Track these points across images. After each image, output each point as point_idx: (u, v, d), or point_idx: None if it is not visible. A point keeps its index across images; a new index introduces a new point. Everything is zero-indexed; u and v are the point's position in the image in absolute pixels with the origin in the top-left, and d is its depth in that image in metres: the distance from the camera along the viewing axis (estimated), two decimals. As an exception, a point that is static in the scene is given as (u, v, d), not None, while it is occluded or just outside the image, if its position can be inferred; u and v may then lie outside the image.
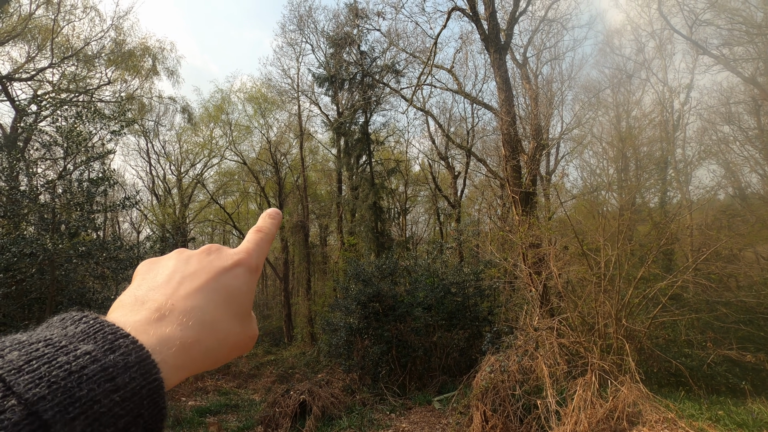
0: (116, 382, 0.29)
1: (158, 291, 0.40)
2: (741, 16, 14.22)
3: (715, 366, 7.51)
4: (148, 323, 0.36)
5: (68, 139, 8.21)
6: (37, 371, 0.27)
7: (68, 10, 14.50)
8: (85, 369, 0.28)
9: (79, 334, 0.32)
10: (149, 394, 0.31)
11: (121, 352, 0.31)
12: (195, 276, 0.42)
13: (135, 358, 0.31)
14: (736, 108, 16.24)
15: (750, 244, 9.51)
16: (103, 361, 0.30)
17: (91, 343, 0.31)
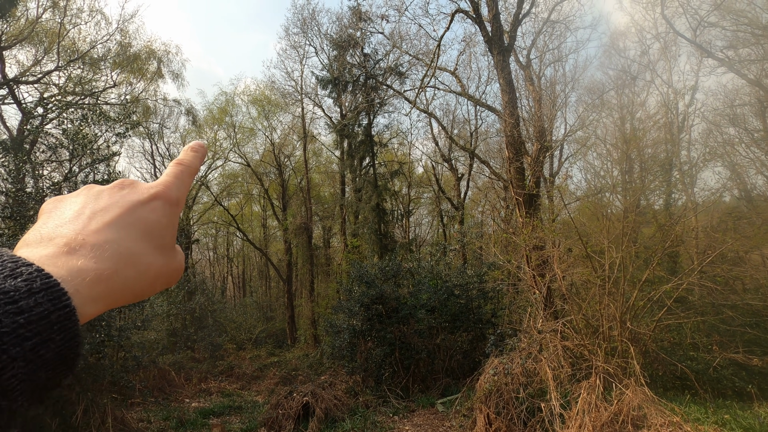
0: (20, 305, 0.28)
1: (66, 227, 0.38)
2: (746, 18, 14.15)
3: (721, 369, 7.45)
4: (56, 257, 0.34)
5: (74, 142, 8.27)
6: None
7: (74, 14, 14.64)
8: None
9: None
10: (59, 320, 0.30)
11: (24, 279, 0.30)
12: (106, 210, 0.40)
13: (41, 284, 0.30)
14: (741, 110, 16.14)
15: (756, 247, 9.44)
16: (3, 286, 0.29)
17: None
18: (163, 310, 15.62)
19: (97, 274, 0.35)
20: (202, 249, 31.77)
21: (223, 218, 25.48)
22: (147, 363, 11.04)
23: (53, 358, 0.30)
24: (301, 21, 20.52)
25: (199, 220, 24.71)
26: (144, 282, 0.39)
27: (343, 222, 20.68)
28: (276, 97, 22.45)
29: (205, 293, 17.42)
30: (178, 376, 12.13)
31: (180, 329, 16.02)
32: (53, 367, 0.30)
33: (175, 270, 0.43)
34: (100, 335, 7.65)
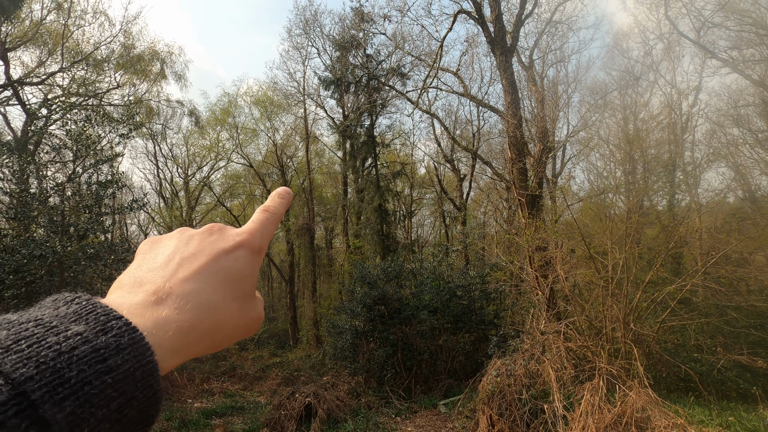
0: (108, 364, 0.28)
1: (157, 273, 0.39)
2: (750, 18, 14.10)
3: (725, 371, 7.41)
4: (145, 306, 0.35)
5: (78, 143, 8.31)
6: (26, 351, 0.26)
7: (78, 15, 14.72)
8: (76, 350, 0.28)
9: (71, 315, 0.31)
10: (143, 377, 0.30)
11: (114, 334, 0.30)
12: (194, 258, 0.41)
13: (128, 339, 0.30)
14: (745, 110, 16.07)
15: (760, 248, 9.39)
16: (94, 342, 0.29)
17: (82, 324, 0.30)
18: (166, 310, 15.65)
19: (179, 326, 0.35)
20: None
21: (226, 219, 25.54)
22: (150, 363, 11.05)
23: (135, 416, 0.30)
24: (303, 22, 20.57)
25: (201, 221, 24.76)
26: (221, 333, 0.39)
27: (346, 223, 20.69)
28: (278, 98, 22.51)
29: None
30: (180, 377, 12.16)
31: (183, 329, 16.02)
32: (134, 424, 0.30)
33: (253, 320, 0.43)
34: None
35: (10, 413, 0.24)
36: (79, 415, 0.26)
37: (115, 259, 8.26)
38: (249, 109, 23.27)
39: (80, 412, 0.26)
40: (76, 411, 0.26)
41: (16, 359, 0.26)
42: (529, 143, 11.79)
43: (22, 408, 0.24)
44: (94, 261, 7.69)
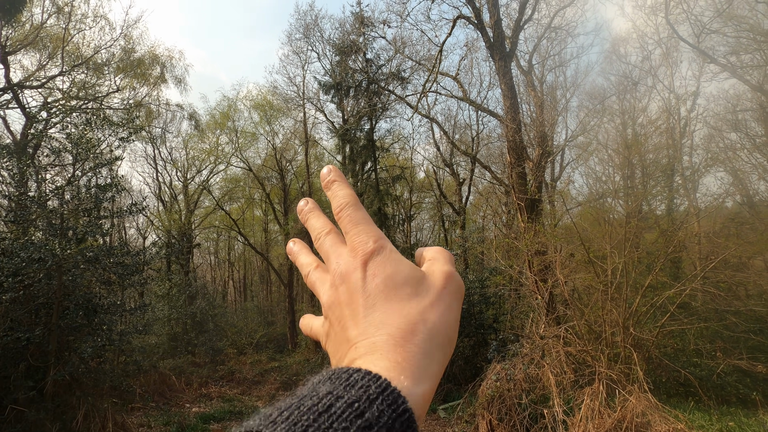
0: (366, 418, 0.28)
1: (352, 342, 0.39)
2: (748, 24, 14.20)
3: (725, 376, 7.40)
4: (371, 360, 0.35)
5: (77, 146, 8.32)
6: (289, 418, 0.27)
7: (79, 19, 14.75)
8: (332, 408, 0.28)
9: (317, 382, 0.31)
10: (402, 427, 0.29)
11: (360, 386, 0.30)
12: (353, 303, 0.40)
13: (375, 388, 0.29)
14: (743, 115, 16.15)
15: (759, 253, 9.40)
16: (345, 397, 0.29)
17: (328, 384, 0.30)
18: (164, 314, 15.61)
19: (403, 357, 0.34)
20: (203, 253, 31.80)
21: (225, 223, 25.52)
22: (148, 367, 11.03)
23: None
24: (304, 27, 20.66)
25: (200, 225, 24.73)
26: (437, 332, 0.37)
27: (345, 226, 20.64)
28: (278, 102, 22.56)
29: (206, 297, 17.42)
30: (178, 381, 12.10)
31: (181, 333, 15.99)
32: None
33: (441, 288, 0.41)
34: (102, 339, 7.65)
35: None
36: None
37: (114, 262, 8.24)
38: (248, 113, 23.32)
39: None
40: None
41: (284, 428, 0.27)
42: (528, 148, 11.83)
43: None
44: (92, 264, 7.67)
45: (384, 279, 0.40)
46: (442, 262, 0.44)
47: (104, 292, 9.43)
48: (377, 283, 0.40)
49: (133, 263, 8.80)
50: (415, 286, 0.40)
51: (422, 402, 0.33)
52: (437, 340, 0.37)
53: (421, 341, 0.36)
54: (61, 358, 7.29)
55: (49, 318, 7.39)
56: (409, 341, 0.35)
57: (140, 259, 9.21)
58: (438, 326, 0.38)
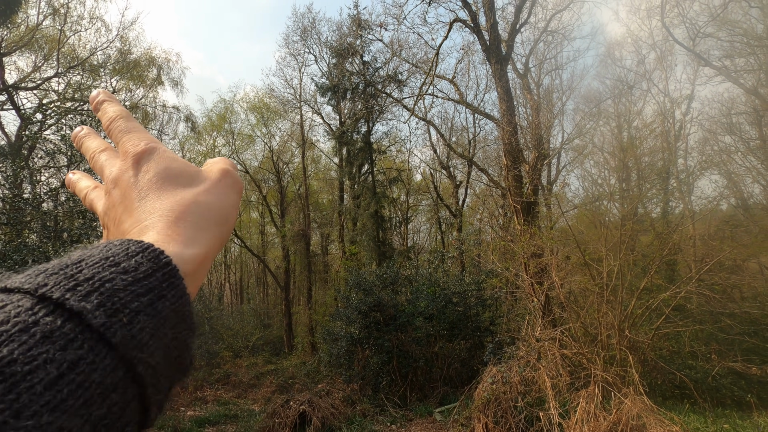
0: (122, 266, 0.29)
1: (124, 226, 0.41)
2: (741, 28, 14.32)
3: (719, 378, 7.42)
4: (134, 234, 0.37)
5: (72, 148, 8.27)
6: (35, 271, 0.27)
7: (75, 21, 14.72)
8: (83, 260, 0.29)
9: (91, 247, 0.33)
10: (164, 277, 0.30)
11: (118, 244, 0.31)
12: (126, 197, 0.42)
13: (135, 247, 0.31)
14: (737, 119, 16.27)
15: (753, 255, 9.45)
16: (103, 253, 0.30)
17: (90, 249, 0.31)
18: (160, 317, 15.52)
19: (169, 228, 0.36)
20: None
21: (221, 225, 25.39)
22: (142, 371, 10.93)
23: (171, 315, 0.29)
24: (301, 29, 20.68)
25: (197, 227, 24.64)
26: (210, 214, 0.39)
27: (342, 229, 20.66)
28: (275, 104, 22.55)
29: (201, 300, 17.34)
30: (173, 384, 12.00)
31: (176, 336, 15.88)
32: (173, 324, 0.30)
33: (215, 181, 0.43)
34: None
35: (39, 314, 0.24)
36: (110, 307, 0.26)
37: (109, 265, 8.17)
38: (245, 115, 23.30)
39: (110, 304, 0.26)
40: (105, 303, 0.26)
41: (28, 276, 0.27)
42: (525, 150, 11.86)
43: (49, 308, 0.25)
44: (87, 267, 7.60)
45: (156, 173, 0.41)
46: (220, 164, 0.46)
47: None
48: (149, 177, 0.40)
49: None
50: (188, 179, 0.41)
51: (192, 262, 0.34)
52: (210, 216, 0.39)
53: (194, 219, 0.38)
54: (55, 361, 7.21)
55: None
56: (181, 219, 0.37)
57: (135, 262, 9.15)
58: (211, 205, 0.40)
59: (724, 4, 13.68)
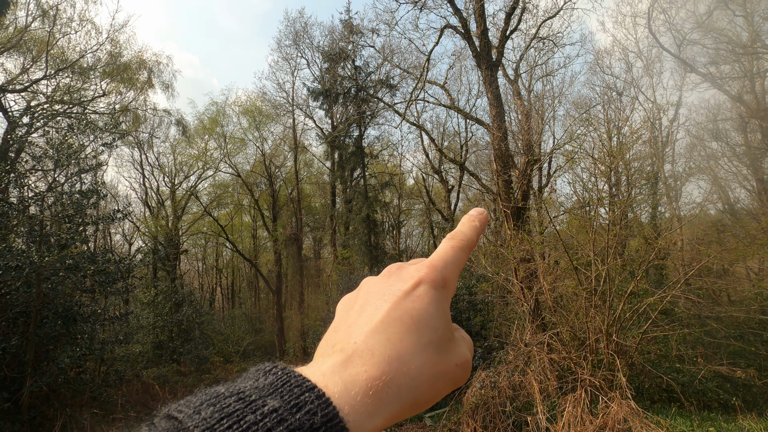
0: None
1: (346, 331, 0.36)
2: (727, 36, 14.60)
3: (706, 381, 7.50)
4: (335, 370, 0.33)
5: (59, 152, 8.20)
6: (227, 425, 0.26)
7: (64, 23, 14.60)
8: (272, 431, 0.27)
9: (268, 387, 0.30)
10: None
11: (307, 410, 0.28)
12: (377, 308, 0.37)
13: (321, 418, 0.28)
14: (723, 125, 16.55)
15: (738, 259, 9.59)
16: (289, 421, 0.28)
17: (278, 398, 0.29)
18: (149, 322, 15.36)
19: (368, 384, 0.32)
20: (190, 260, 31.40)
21: (213, 229, 25.27)
22: (130, 377, 10.82)
23: None
24: (293, 33, 20.71)
25: (187, 231, 24.46)
26: (422, 388, 0.34)
27: (334, 233, 20.63)
28: (267, 107, 22.52)
29: (192, 305, 17.18)
30: (162, 390, 11.88)
31: (166, 342, 15.73)
32: None
33: (456, 366, 0.38)
34: (81, 349, 7.49)
35: None
36: None
37: (96, 269, 8.10)
38: (237, 118, 23.23)
39: None
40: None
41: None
42: (515, 156, 11.96)
43: None
44: (73, 272, 7.52)
45: (421, 306, 0.37)
46: (467, 345, 0.42)
47: (86, 300, 9.26)
48: (412, 306, 0.37)
49: (116, 270, 8.66)
50: (437, 338, 0.37)
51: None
52: (417, 392, 0.34)
53: (404, 384, 0.34)
54: (39, 368, 7.12)
55: (26, 327, 7.23)
56: (394, 380, 0.33)
57: (123, 266, 9.07)
58: (428, 384, 0.35)
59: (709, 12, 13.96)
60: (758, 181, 14.49)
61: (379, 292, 0.39)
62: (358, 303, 0.39)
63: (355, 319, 0.37)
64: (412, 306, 0.37)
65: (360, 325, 0.36)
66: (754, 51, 13.32)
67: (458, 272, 0.42)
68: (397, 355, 0.34)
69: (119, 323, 9.71)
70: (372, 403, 0.31)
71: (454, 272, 0.41)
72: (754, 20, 13.32)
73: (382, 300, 0.37)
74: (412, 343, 0.35)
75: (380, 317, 0.36)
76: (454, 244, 0.44)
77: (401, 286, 0.38)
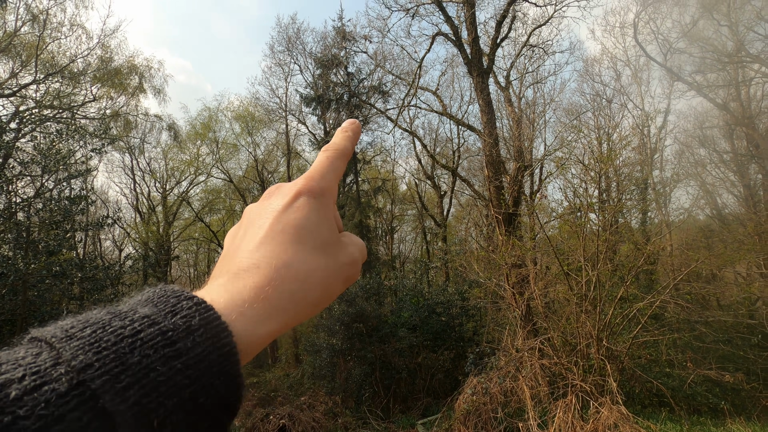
0: (177, 347, 0.26)
1: (231, 255, 0.37)
2: (712, 45, 14.89)
3: (695, 386, 7.55)
4: (221, 286, 0.33)
5: (46, 157, 8.10)
6: (88, 337, 0.25)
7: (55, 27, 14.50)
8: (140, 333, 0.26)
9: (143, 301, 0.29)
10: (219, 361, 0.27)
11: (183, 315, 0.28)
12: (259, 226, 0.38)
13: (199, 319, 0.28)
14: (711, 132, 16.83)
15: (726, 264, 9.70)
16: (161, 324, 0.27)
17: (151, 306, 0.28)
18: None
19: (256, 292, 0.32)
20: (182, 266, 31.09)
21: (204, 235, 25.08)
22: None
23: (214, 406, 0.26)
24: (286, 39, 20.75)
25: (179, 236, 24.24)
26: (314, 290, 0.36)
27: (326, 239, 20.54)
28: (260, 113, 22.49)
29: (183, 312, 16.96)
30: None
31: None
32: (213, 415, 0.27)
33: (345, 265, 0.39)
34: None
35: (70, 405, 0.22)
36: (146, 405, 0.24)
37: (83, 277, 7.98)
38: (230, 124, 23.17)
39: (146, 401, 0.24)
40: (141, 400, 0.24)
41: (77, 346, 0.24)
42: (507, 162, 12.04)
43: (84, 399, 0.22)
44: (60, 279, 7.41)
45: (300, 217, 0.38)
46: (356, 247, 0.43)
47: (74, 307, 9.11)
48: (292, 217, 0.38)
49: (104, 277, 8.55)
50: (321, 241, 0.38)
51: (258, 344, 0.31)
52: (311, 291, 0.36)
53: (292, 288, 0.34)
54: (24, 377, 6.95)
55: (12, 336, 7.08)
56: (279, 284, 0.34)
57: (112, 273, 8.96)
58: (320, 282, 0.36)
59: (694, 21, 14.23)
60: (745, 186, 14.73)
61: (260, 213, 0.40)
62: (242, 229, 0.40)
63: (239, 242, 0.38)
64: (294, 217, 0.38)
65: (245, 246, 0.37)
66: (739, 60, 13.60)
67: (337, 180, 0.44)
68: (284, 263, 0.35)
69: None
70: (263, 308, 0.32)
71: (333, 180, 0.43)
72: (739, 29, 13.61)
73: (264, 218, 0.39)
74: (297, 250, 0.36)
75: (263, 234, 0.37)
76: (329, 155, 0.45)
77: (280, 201, 0.39)
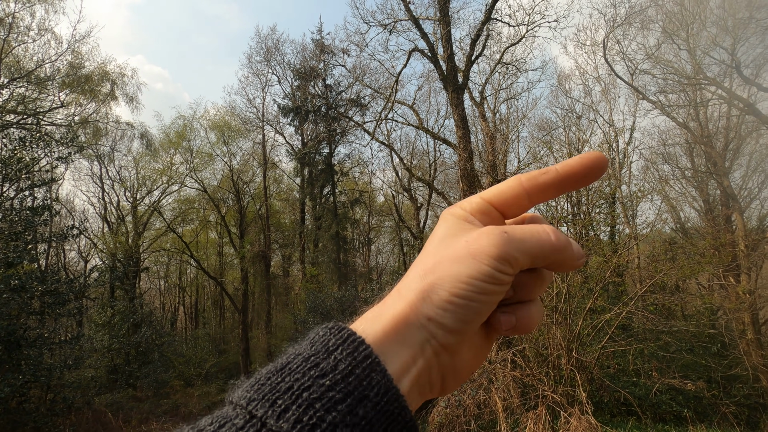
0: (321, 367, 0.29)
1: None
2: (673, 68, 15.72)
3: (660, 394, 7.80)
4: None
5: (7, 165, 7.78)
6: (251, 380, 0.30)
7: (22, 31, 14.05)
8: (289, 363, 0.30)
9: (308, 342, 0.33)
10: (366, 374, 0.29)
11: (321, 335, 0.32)
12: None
13: (336, 339, 0.31)
14: (673, 149, 17.68)
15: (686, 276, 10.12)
16: (304, 353, 0.31)
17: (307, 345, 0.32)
18: (104, 344, 14.52)
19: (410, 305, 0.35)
20: (152, 278, 30.09)
21: (176, 245, 24.41)
22: (80, 404, 10.14)
23: (376, 417, 0.27)
24: (264, 49, 20.72)
25: (149, 248, 23.51)
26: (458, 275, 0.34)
27: (303, 250, 20.37)
28: (236, 123, 22.24)
29: (152, 325, 16.40)
30: (115, 419, 11.19)
31: (122, 365, 14.90)
32: (384, 426, 0.27)
33: (467, 242, 0.35)
34: (25, 376, 6.98)
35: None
36: (307, 422, 0.26)
37: (45, 290, 7.64)
38: (205, 133, 22.79)
39: (306, 418, 0.26)
40: (301, 418, 0.26)
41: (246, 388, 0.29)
42: (481, 176, 12.29)
43: (257, 429, 0.26)
44: (18, 293, 7.06)
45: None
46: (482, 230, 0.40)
47: (33, 323, 8.69)
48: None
49: (67, 291, 8.20)
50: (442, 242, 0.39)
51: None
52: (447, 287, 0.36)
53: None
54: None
55: (-37, 353, 6.69)
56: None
57: (76, 286, 8.60)
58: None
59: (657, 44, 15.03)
60: (705, 202, 15.48)
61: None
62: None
63: None
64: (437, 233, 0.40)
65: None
66: (697, 82, 14.39)
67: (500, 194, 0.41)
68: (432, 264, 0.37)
69: (69, 347, 9.13)
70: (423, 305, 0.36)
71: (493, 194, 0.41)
72: (697, 54, 14.43)
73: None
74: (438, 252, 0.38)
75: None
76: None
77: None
